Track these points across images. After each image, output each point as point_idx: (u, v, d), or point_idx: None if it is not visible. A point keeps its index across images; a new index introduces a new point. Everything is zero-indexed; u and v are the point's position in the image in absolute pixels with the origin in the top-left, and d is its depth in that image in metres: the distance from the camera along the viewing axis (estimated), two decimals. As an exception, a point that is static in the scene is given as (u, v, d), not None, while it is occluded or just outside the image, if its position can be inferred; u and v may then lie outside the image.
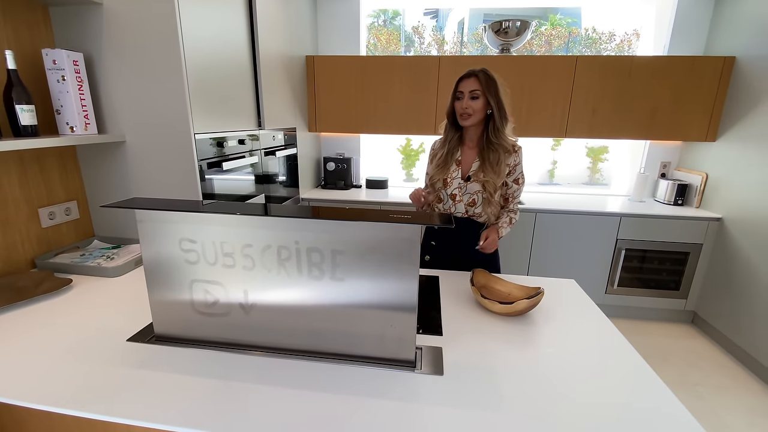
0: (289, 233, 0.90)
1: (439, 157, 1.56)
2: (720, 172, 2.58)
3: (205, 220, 0.93)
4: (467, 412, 0.78)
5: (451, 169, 1.54)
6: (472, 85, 1.43)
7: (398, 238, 0.86)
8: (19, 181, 1.39)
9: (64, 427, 1.00)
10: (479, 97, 1.43)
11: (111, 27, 1.44)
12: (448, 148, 1.55)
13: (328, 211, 0.98)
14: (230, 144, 1.80)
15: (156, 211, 0.94)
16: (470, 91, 1.43)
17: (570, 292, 1.36)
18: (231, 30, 1.79)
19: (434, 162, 1.58)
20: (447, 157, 1.55)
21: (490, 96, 1.42)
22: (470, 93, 1.43)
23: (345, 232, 0.88)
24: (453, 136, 1.55)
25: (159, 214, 0.94)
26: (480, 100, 1.43)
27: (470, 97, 1.43)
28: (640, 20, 3.01)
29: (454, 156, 1.55)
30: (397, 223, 0.86)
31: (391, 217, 0.87)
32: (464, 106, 1.44)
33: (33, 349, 0.97)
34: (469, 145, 1.55)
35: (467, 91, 1.43)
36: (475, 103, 1.43)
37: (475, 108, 1.43)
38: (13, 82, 1.23)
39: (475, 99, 1.43)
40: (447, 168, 1.54)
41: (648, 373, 0.92)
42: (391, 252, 0.87)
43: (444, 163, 1.55)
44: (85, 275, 1.39)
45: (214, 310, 0.99)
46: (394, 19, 3.61)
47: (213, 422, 0.75)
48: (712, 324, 2.58)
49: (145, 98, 1.50)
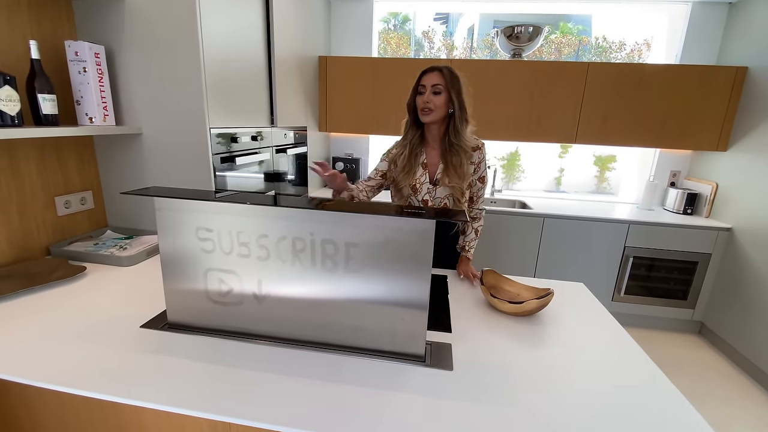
0: (305, 224, 0.91)
1: (402, 159, 1.47)
2: (731, 181, 2.57)
3: (222, 209, 0.94)
4: (479, 407, 0.78)
5: (418, 174, 1.46)
6: (435, 79, 1.37)
7: (412, 232, 0.87)
8: (38, 169, 1.41)
9: (74, 410, 1.01)
10: (441, 92, 1.37)
11: (132, 21, 1.47)
12: (410, 148, 1.46)
13: (343, 204, 0.99)
14: (243, 140, 1.82)
15: (174, 200, 0.96)
16: (433, 85, 1.37)
17: (579, 296, 1.36)
18: (248, 29, 1.82)
19: (398, 165, 1.48)
20: (411, 159, 1.46)
21: (453, 93, 1.37)
22: (432, 87, 1.37)
23: (360, 225, 0.89)
24: (414, 135, 1.47)
25: (177, 202, 0.96)
26: (442, 96, 1.37)
27: (432, 91, 1.37)
28: (652, 29, 3.02)
29: (418, 158, 1.47)
30: (411, 218, 0.87)
31: (406, 211, 0.88)
32: (425, 100, 1.37)
33: (45, 332, 0.98)
34: (432, 145, 1.48)
35: (429, 85, 1.37)
36: (437, 99, 1.37)
37: (437, 103, 1.37)
38: (36, 71, 1.25)
39: (438, 94, 1.37)
40: (413, 172, 1.46)
41: (663, 381, 0.91)
42: (404, 246, 0.88)
43: (409, 166, 1.46)
44: (98, 263, 1.41)
45: (228, 299, 1.00)
46: (404, 24, 3.64)
47: (223, 407, 0.76)
48: (719, 335, 2.56)
49: (163, 92, 1.52)
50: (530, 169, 3.42)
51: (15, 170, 1.34)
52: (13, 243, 1.35)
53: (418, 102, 1.41)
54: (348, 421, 0.73)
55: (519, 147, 3.37)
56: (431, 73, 1.39)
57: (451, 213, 0.92)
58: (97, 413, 1.01)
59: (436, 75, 1.38)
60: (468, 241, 1.54)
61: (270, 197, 1.00)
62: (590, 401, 0.82)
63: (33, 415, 1.07)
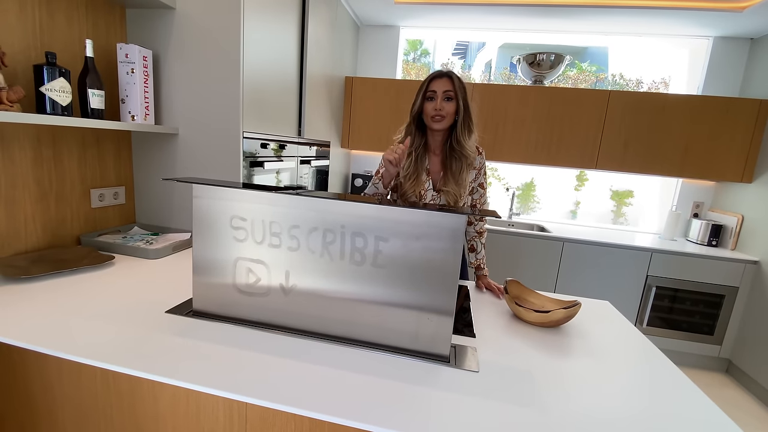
0: (337, 217, 0.93)
1: (407, 167, 1.42)
2: (757, 214, 2.52)
3: (258, 199, 0.96)
4: (504, 406, 0.76)
5: (422, 180, 1.42)
6: (446, 85, 1.33)
7: (442, 227, 0.87)
8: (78, 162, 1.48)
9: (92, 389, 1.01)
10: (453, 98, 1.34)
11: (180, 30, 1.57)
12: (415, 155, 1.42)
13: (374, 199, 1.00)
14: (271, 146, 1.88)
15: (213, 187, 0.99)
16: (444, 92, 1.33)
17: (606, 313, 1.32)
18: (285, 47, 1.92)
19: (402, 173, 1.43)
20: (416, 167, 1.42)
21: (461, 99, 1.34)
22: (444, 94, 1.33)
23: (390, 219, 0.90)
24: (419, 142, 1.43)
25: (216, 190, 0.99)
26: (453, 102, 1.34)
27: (444, 98, 1.33)
28: (671, 64, 3.06)
29: (423, 164, 1.43)
30: (442, 212, 0.88)
31: (438, 207, 0.89)
32: (437, 107, 1.33)
33: (70, 311, 1.00)
34: (435, 152, 1.45)
35: (441, 92, 1.33)
36: (448, 105, 1.34)
37: (449, 110, 1.34)
38: (89, 68, 1.33)
39: (449, 100, 1.34)
40: (419, 179, 1.41)
41: (701, 398, 0.87)
42: (433, 242, 0.88)
43: (415, 174, 1.41)
44: (125, 255, 1.44)
45: (255, 290, 1.00)
46: (422, 57, 3.78)
47: (241, 387, 0.75)
48: (748, 373, 2.43)
49: (201, 96, 1.60)
50: (545, 200, 3.40)
51: (58, 161, 1.40)
52: (48, 230, 1.39)
53: (427, 108, 1.36)
54: (370, 410, 0.72)
55: (534, 177, 3.38)
56: (441, 79, 1.35)
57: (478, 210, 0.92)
58: (114, 393, 1.01)
59: (446, 81, 1.34)
60: (480, 258, 1.51)
61: (304, 190, 1.03)
62: (623, 410, 0.78)
63: (48, 389, 1.07)
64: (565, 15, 2.61)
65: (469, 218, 1.48)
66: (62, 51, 1.34)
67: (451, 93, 1.34)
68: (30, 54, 1.26)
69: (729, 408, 2.24)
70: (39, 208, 1.35)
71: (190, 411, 0.98)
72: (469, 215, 0.99)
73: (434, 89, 1.35)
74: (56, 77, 1.23)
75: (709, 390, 2.41)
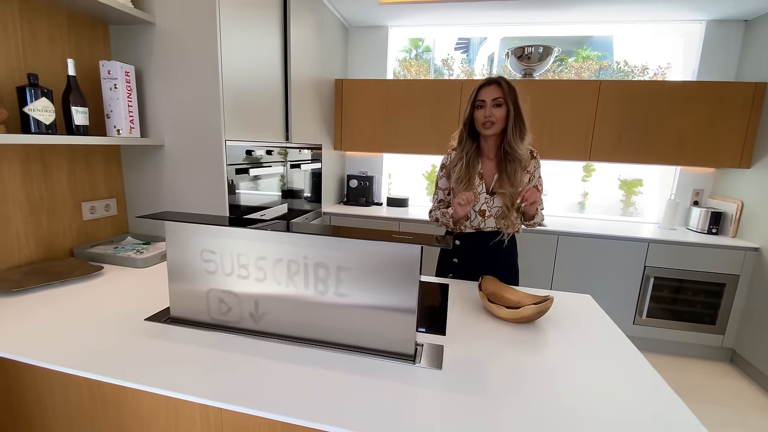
0: (300, 248, 0.95)
1: (458, 171, 1.48)
2: (757, 200, 2.46)
3: (225, 233, 1.00)
4: (461, 397, 0.78)
5: (475, 184, 1.48)
6: (494, 92, 1.40)
7: (400, 257, 0.89)
8: (68, 176, 1.53)
9: (79, 395, 1.06)
10: (502, 104, 1.39)
11: (160, 44, 1.61)
12: (466, 160, 1.48)
13: (336, 230, 1.02)
14: (258, 153, 1.91)
15: (183, 223, 1.02)
16: (493, 99, 1.40)
17: (585, 307, 1.32)
18: (266, 52, 1.95)
19: (454, 177, 1.50)
20: (468, 171, 1.47)
21: (511, 104, 1.39)
22: (493, 101, 1.40)
23: (350, 250, 0.92)
24: (471, 147, 1.49)
25: (186, 226, 1.03)
26: (503, 108, 1.40)
27: (493, 104, 1.40)
28: (669, 49, 3.00)
29: (475, 169, 1.48)
30: (399, 243, 0.88)
31: (394, 237, 0.90)
32: (487, 114, 1.40)
33: (57, 322, 1.04)
34: (488, 156, 1.50)
35: (490, 99, 1.40)
36: (498, 111, 1.40)
37: (498, 116, 1.40)
38: (71, 86, 1.38)
39: (499, 107, 1.40)
40: (471, 183, 1.47)
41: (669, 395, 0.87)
42: (392, 270, 0.90)
43: (467, 177, 1.47)
44: (115, 265, 1.49)
45: (228, 318, 1.04)
46: (423, 54, 3.77)
47: (214, 393, 0.78)
48: (752, 363, 2.38)
49: (185, 107, 1.64)
50: (552, 192, 3.34)
51: (48, 176, 1.46)
52: (41, 244, 1.45)
53: (478, 116, 1.43)
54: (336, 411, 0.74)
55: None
56: (489, 87, 1.41)
57: (437, 238, 0.91)
58: (99, 400, 1.06)
59: (494, 88, 1.40)
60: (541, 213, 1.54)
61: (268, 223, 1.06)
62: (580, 404, 0.79)
63: (40, 399, 1.12)
64: (558, 6, 2.59)
65: (526, 216, 1.53)
66: (45, 71, 1.40)
67: (501, 99, 1.39)
68: (14, 77, 1.32)
69: (733, 398, 2.21)
70: (31, 222, 1.41)
71: (169, 416, 1.01)
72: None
73: (483, 98, 1.41)
74: (39, 97, 1.28)
75: (713, 380, 2.38)
